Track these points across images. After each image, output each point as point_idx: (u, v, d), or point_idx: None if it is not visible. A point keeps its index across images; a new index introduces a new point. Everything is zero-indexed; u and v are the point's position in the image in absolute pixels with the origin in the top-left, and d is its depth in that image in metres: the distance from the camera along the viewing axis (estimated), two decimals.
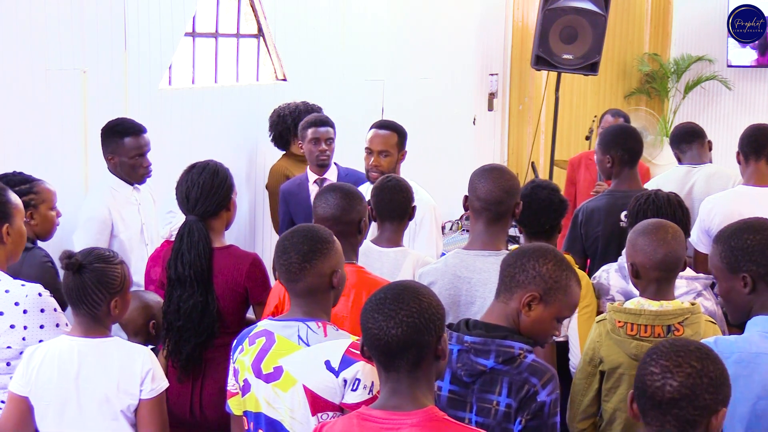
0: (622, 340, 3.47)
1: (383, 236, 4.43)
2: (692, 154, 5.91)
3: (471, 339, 2.95)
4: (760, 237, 2.98)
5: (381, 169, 5.38)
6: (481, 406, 2.95)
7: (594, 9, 8.43)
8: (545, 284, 2.98)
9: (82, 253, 3.36)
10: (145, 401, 3.33)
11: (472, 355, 2.94)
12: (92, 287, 3.32)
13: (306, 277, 3.12)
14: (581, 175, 7.17)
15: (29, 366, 3.36)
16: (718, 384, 2.32)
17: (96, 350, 3.34)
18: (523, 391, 2.89)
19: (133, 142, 4.97)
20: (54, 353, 3.35)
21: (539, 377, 2.91)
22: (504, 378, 2.92)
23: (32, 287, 3.68)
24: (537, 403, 2.89)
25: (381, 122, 5.63)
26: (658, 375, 2.34)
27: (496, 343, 2.93)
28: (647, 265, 3.51)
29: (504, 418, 2.92)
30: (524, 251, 3.04)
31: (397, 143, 5.42)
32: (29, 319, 3.62)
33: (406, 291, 2.53)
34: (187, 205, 4.18)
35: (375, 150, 5.38)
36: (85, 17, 5.22)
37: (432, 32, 8.68)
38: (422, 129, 8.60)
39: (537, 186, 4.49)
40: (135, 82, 5.58)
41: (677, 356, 2.33)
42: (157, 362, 3.39)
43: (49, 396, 3.33)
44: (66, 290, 3.35)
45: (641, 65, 11.04)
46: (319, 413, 3.02)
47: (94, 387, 3.31)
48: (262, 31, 6.86)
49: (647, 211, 4.18)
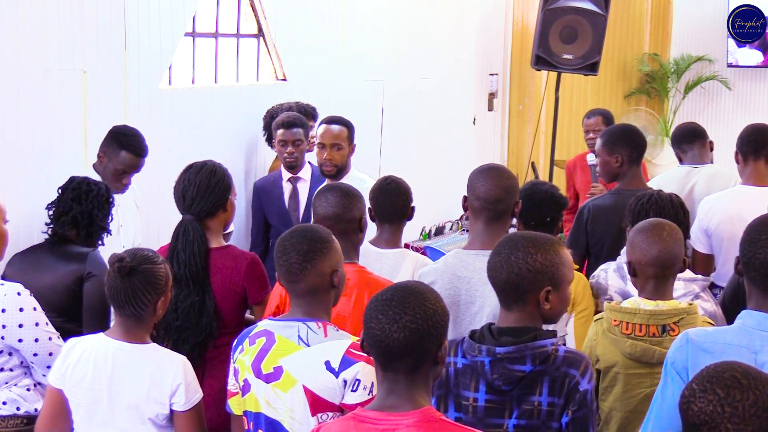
0: (617, 339, 3.48)
1: (382, 237, 4.44)
2: (693, 154, 5.91)
3: (503, 350, 2.89)
4: (756, 229, 2.95)
5: (334, 162, 5.57)
6: (524, 409, 2.92)
7: (594, 9, 8.43)
8: (548, 274, 2.96)
9: (130, 255, 3.37)
10: (180, 413, 3.35)
11: (507, 364, 2.89)
12: (141, 288, 3.34)
13: (307, 277, 3.12)
14: (577, 177, 7.18)
15: (66, 360, 3.38)
16: (744, 416, 2.21)
17: (130, 355, 3.35)
18: (566, 385, 2.89)
19: (128, 159, 4.92)
20: (90, 352, 3.37)
21: (577, 367, 2.92)
22: (544, 377, 2.90)
23: (11, 286, 3.70)
24: (580, 393, 2.90)
25: (330, 118, 5.75)
26: (687, 396, 2.29)
27: (529, 348, 2.89)
28: (643, 262, 3.52)
29: (547, 417, 2.91)
30: (506, 263, 2.97)
31: (347, 136, 5.62)
32: (8, 318, 3.63)
33: (413, 295, 2.50)
34: (183, 204, 4.18)
35: (327, 144, 5.55)
36: (85, 17, 5.21)
37: (432, 32, 8.68)
38: (422, 129, 8.61)
39: (537, 183, 4.53)
40: (135, 82, 5.57)
41: (707, 380, 2.27)
42: (191, 372, 3.40)
43: (81, 394, 3.35)
44: (113, 292, 3.35)
45: (641, 65, 11.04)
46: (319, 414, 3.02)
47: (125, 392, 3.33)
48: (262, 31, 6.85)
49: (649, 210, 4.19)
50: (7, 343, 3.65)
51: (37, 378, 3.80)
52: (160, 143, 5.76)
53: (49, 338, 3.74)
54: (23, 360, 3.74)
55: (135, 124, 5.54)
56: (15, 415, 3.73)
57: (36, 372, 3.78)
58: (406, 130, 8.29)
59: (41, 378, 3.79)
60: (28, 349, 3.70)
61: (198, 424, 3.39)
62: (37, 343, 3.69)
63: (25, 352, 3.71)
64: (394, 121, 8.01)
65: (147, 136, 5.64)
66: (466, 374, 2.99)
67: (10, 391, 3.73)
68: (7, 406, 3.72)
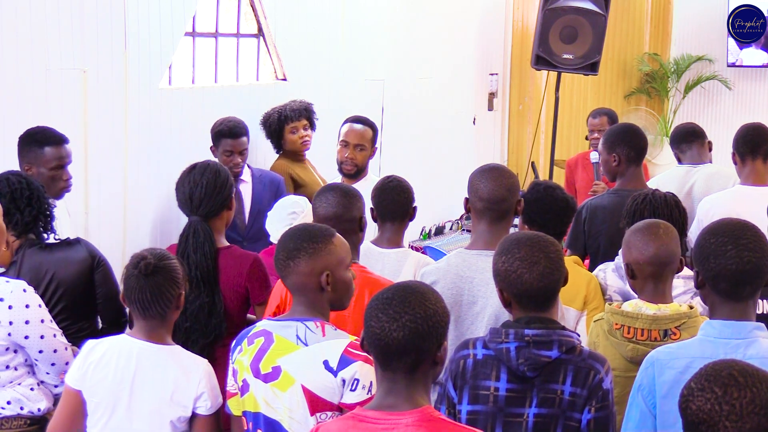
0: (618, 343, 3.47)
1: (384, 237, 4.44)
2: (692, 154, 5.92)
3: (532, 332, 2.94)
4: (714, 240, 2.93)
5: (355, 162, 5.53)
6: (544, 397, 2.94)
7: (594, 9, 8.43)
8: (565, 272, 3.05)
9: (150, 254, 3.37)
10: (201, 417, 3.34)
11: (533, 349, 2.93)
12: (165, 285, 3.35)
13: (290, 275, 3.13)
14: (578, 175, 7.19)
15: (86, 360, 3.36)
16: (742, 414, 2.22)
17: (155, 357, 3.34)
18: (591, 377, 2.93)
19: (54, 152, 4.58)
20: (113, 352, 3.35)
21: (601, 364, 2.97)
22: (569, 366, 2.93)
23: (17, 284, 3.69)
24: (603, 390, 2.94)
25: (356, 117, 5.73)
26: (685, 395, 2.30)
27: (557, 334, 2.94)
28: (641, 261, 3.51)
29: (569, 407, 2.93)
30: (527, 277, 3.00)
31: (371, 138, 5.58)
32: (14, 314, 3.63)
33: (413, 294, 2.51)
34: (191, 206, 4.18)
35: (351, 143, 5.51)
36: (85, 17, 5.22)
37: (432, 32, 8.68)
38: (422, 128, 8.61)
39: (548, 187, 4.47)
40: (135, 82, 5.58)
41: (705, 379, 2.28)
42: (213, 376, 3.40)
43: (101, 395, 3.33)
44: (137, 293, 3.33)
45: (641, 65, 11.03)
46: (318, 413, 3.03)
47: (148, 394, 3.31)
48: (262, 30, 6.86)
49: (644, 210, 4.18)
50: (13, 340, 3.65)
51: (40, 377, 3.79)
52: (160, 143, 5.77)
53: (53, 335, 3.74)
54: (27, 358, 3.74)
55: (135, 123, 5.56)
56: (19, 415, 3.73)
57: (39, 370, 3.77)
58: (406, 129, 8.29)
59: (44, 376, 3.79)
60: (34, 346, 3.70)
61: (216, 427, 3.40)
62: (43, 339, 3.69)
63: (30, 349, 3.70)
64: (394, 120, 8.01)
65: (147, 135, 5.67)
66: (486, 364, 3.01)
67: (14, 391, 3.73)
68: (11, 405, 3.72)
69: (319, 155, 6.51)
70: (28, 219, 4.11)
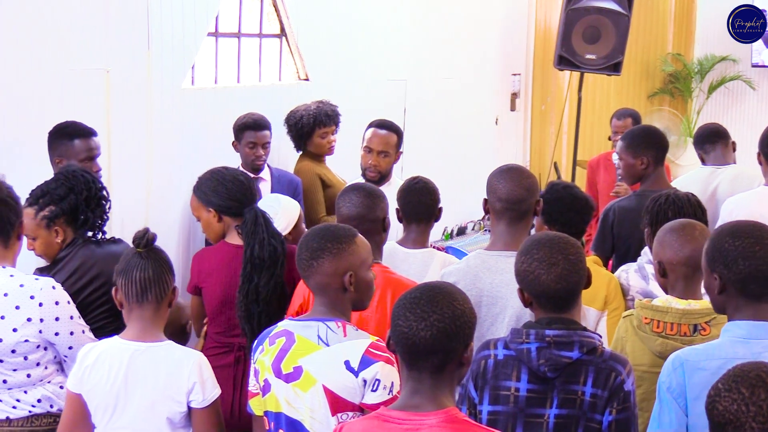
0: (647, 337, 3.46)
1: (409, 238, 4.43)
2: (716, 155, 5.89)
3: (553, 332, 2.93)
4: (740, 243, 2.91)
5: (379, 169, 5.42)
6: (565, 398, 2.93)
7: (617, 9, 8.40)
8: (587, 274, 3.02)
9: (146, 231, 3.39)
10: (198, 410, 3.34)
11: (554, 350, 2.92)
12: (165, 268, 3.39)
13: (313, 275, 3.13)
14: (600, 176, 7.15)
15: (82, 365, 3.40)
16: None
17: (146, 354, 3.35)
18: (611, 378, 2.91)
19: (83, 144, 4.68)
20: (106, 355, 3.37)
21: (623, 365, 2.95)
22: (589, 367, 2.92)
23: (46, 281, 3.72)
24: (624, 392, 2.92)
25: (380, 122, 5.61)
26: (712, 396, 2.31)
27: (578, 334, 2.93)
28: (674, 261, 3.49)
29: (589, 408, 2.92)
30: (549, 277, 2.98)
31: (395, 143, 5.48)
32: (45, 311, 3.65)
33: (441, 294, 2.51)
34: (249, 196, 4.26)
35: (375, 149, 5.41)
36: (109, 17, 5.24)
37: (454, 32, 8.67)
38: (444, 129, 8.60)
39: (567, 186, 4.49)
40: (158, 82, 5.59)
41: (732, 380, 2.29)
42: (207, 368, 3.39)
43: (99, 397, 3.36)
44: (140, 272, 3.34)
45: (664, 65, 10.98)
46: (339, 413, 3.03)
47: (142, 392, 3.33)
48: (284, 31, 6.86)
49: (667, 211, 4.15)
50: (44, 336, 3.67)
51: (69, 373, 3.82)
52: (183, 143, 5.78)
53: (82, 331, 3.76)
54: (57, 355, 3.76)
55: (158, 123, 5.58)
56: (48, 412, 3.75)
57: (68, 366, 3.78)
58: (428, 130, 8.28)
59: None
60: (64, 343, 3.72)
61: (216, 421, 3.39)
62: (72, 336, 3.71)
63: (60, 345, 3.72)
64: (416, 121, 8.00)
65: (169, 135, 5.69)
66: (507, 365, 3.00)
67: (44, 389, 3.75)
68: (42, 403, 3.73)
69: (341, 155, 6.50)
70: (97, 220, 4.18)
